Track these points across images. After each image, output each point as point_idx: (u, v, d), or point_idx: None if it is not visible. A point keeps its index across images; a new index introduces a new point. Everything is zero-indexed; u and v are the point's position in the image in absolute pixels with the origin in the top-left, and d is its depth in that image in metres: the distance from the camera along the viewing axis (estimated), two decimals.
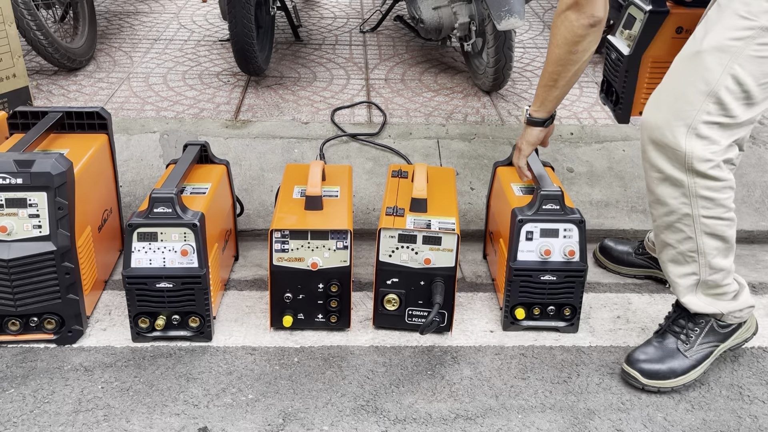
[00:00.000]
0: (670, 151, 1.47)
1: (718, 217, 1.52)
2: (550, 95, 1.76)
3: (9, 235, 1.66)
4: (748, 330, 1.73)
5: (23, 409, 1.57)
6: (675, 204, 1.52)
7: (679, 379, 1.66)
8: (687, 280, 1.63)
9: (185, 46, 3.53)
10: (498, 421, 1.59)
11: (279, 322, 1.82)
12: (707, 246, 1.55)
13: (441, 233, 1.75)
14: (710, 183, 1.48)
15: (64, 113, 2.00)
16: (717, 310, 1.65)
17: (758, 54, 1.38)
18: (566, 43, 1.61)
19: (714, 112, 1.42)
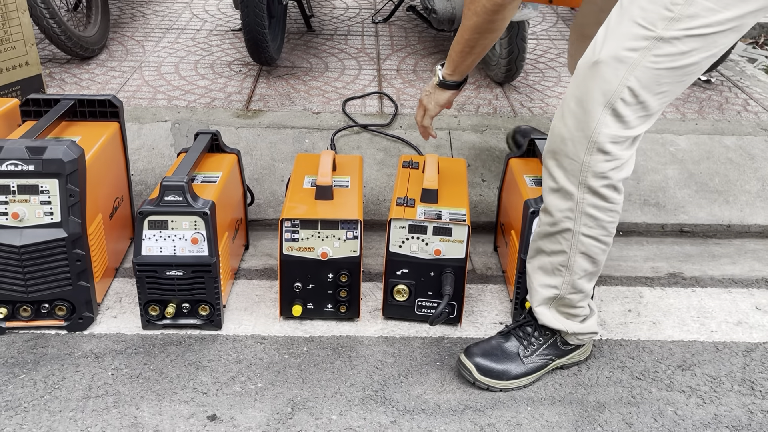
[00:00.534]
0: (568, 162, 1.43)
1: (596, 239, 1.50)
2: (465, 61, 1.72)
3: (21, 222, 1.67)
4: (584, 353, 1.72)
5: (34, 394, 1.58)
6: (559, 216, 1.49)
7: (510, 382, 1.64)
8: (547, 291, 1.61)
9: (197, 35, 3.53)
10: (507, 413, 1.59)
11: (288, 311, 1.82)
12: (577, 265, 1.54)
13: (452, 224, 1.74)
14: (599, 202, 1.45)
15: (76, 101, 2.00)
16: (563, 327, 1.63)
17: (655, 66, 1.32)
18: (486, 12, 1.56)
19: (611, 125, 1.37)
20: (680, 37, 1.29)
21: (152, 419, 1.53)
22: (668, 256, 2.26)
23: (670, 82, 1.35)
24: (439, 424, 1.55)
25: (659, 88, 1.35)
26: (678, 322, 1.92)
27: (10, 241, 1.66)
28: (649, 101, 1.36)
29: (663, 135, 2.65)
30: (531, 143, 2.08)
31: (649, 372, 1.73)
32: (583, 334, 1.65)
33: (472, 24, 1.61)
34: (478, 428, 1.54)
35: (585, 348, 1.72)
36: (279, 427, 1.52)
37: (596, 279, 1.60)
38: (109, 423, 1.51)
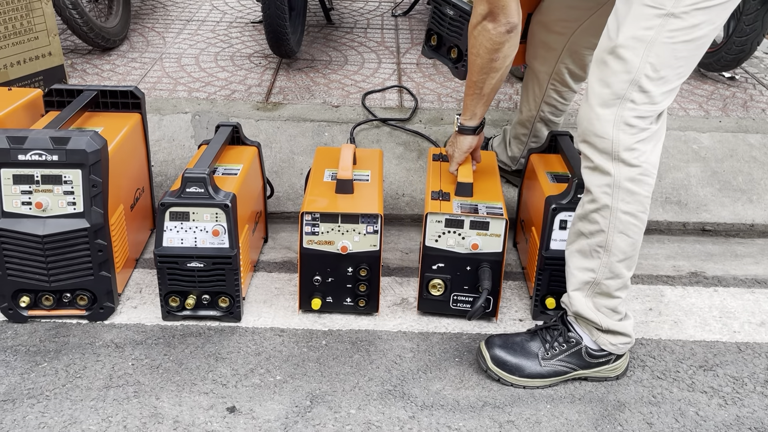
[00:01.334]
0: (598, 140, 1.48)
1: (634, 215, 1.51)
2: (478, 104, 1.78)
3: (44, 212, 1.68)
4: (614, 370, 1.67)
5: (56, 383, 1.59)
6: (597, 192, 1.52)
7: (522, 379, 1.63)
8: (584, 274, 1.59)
9: (217, 27, 3.53)
10: (526, 411, 1.58)
11: (308, 304, 1.82)
12: (615, 245, 1.53)
13: (489, 218, 1.73)
14: (635, 174, 1.48)
15: (98, 92, 2.01)
16: (597, 319, 1.60)
17: (671, 40, 1.40)
18: (487, 51, 1.65)
19: (639, 100, 1.44)
20: (689, 11, 1.38)
21: (172, 410, 1.54)
22: (690, 254, 2.23)
23: (685, 56, 1.43)
24: (458, 420, 1.55)
25: (677, 62, 1.43)
26: (700, 322, 1.90)
27: (33, 230, 1.68)
28: (669, 75, 1.44)
29: (686, 132, 2.61)
30: (553, 138, 2.06)
31: (670, 372, 1.71)
32: (616, 333, 1.61)
33: (477, 66, 1.69)
34: (497, 425, 1.54)
35: (617, 365, 1.66)
36: (298, 420, 1.53)
37: (633, 268, 1.58)
38: (129, 413, 1.52)
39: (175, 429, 1.49)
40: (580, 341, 1.63)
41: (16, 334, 1.74)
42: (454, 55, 2.03)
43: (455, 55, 2.03)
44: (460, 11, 1.95)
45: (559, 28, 2.03)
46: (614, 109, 1.45)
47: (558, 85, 2.12)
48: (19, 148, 1.64)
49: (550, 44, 2.06)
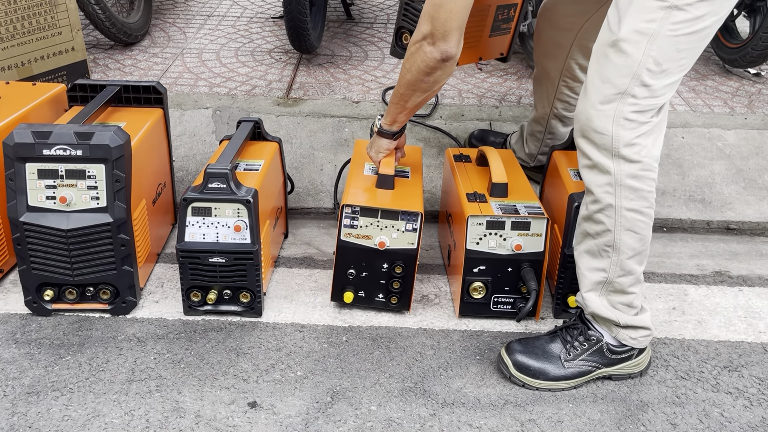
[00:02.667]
0: (597, 136, 1.45)
1: (639, 211, 1.48)
2: (401, 114, 1.76)
3: (68, 206, 1.69)
4: (637, 366, 1.64)
5: (79, 376, 1.61)
6: (599, 192, 1.49)
7: (547, 382, 1.60)
8: (595, 275, 1.57)
9: (238, 22, 3.54)
10: (548, 410, 1.57)
11: (340, 297, 1.82)
12: (624, 243, 1.51)
13: (530, 218, 1.72)
14: (637, 171, 1.45)
15: (121, 87, 2.02)
16: (613, 317, 1.58)
17: (674, 33, 1.38)
18: (419, 71, 1.61)
19: (640, 95, 1.42)
20: (693, 2, 1.36)
21: (194, 404, 1.54)
22: (714, 253, 2.20)
23: (688, 48, 1.41)
24: (479, 418, 1.54)
25: (679, 54, 1.41)
26: (724, 322, 1.87)
27: (57, 224, 1.69)
28: (671, 68, 1.41)
29: (710, 130, 2.58)
30: None
31: (694, 372, 1.69)
32: (636, 328, 1.59)
33: (406, 81, 1.65)
34: (518, 424, 1.53)
35: (639, 360, 1.64)
36: (318, 416, 1.53)
37: (645, 262, 1.56)
38: (151, 406, 1.53)
39: (196, 423, 1.49)
40: (601, 338, 1.61)
41: (40, 327, 1.75)
42: None
43: None
44: None
45: (567, 24, 2.01)
46: (614, 104, 1.43)
47: (569, 81, 2.10)
48: (43, 143, 1.65)
49: (558, 41, 2.04)
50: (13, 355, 1.66)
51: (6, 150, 1.66)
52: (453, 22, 1.51)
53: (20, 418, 1.49)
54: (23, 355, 1.66)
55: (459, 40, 1.55)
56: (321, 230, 2.26)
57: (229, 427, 1.49)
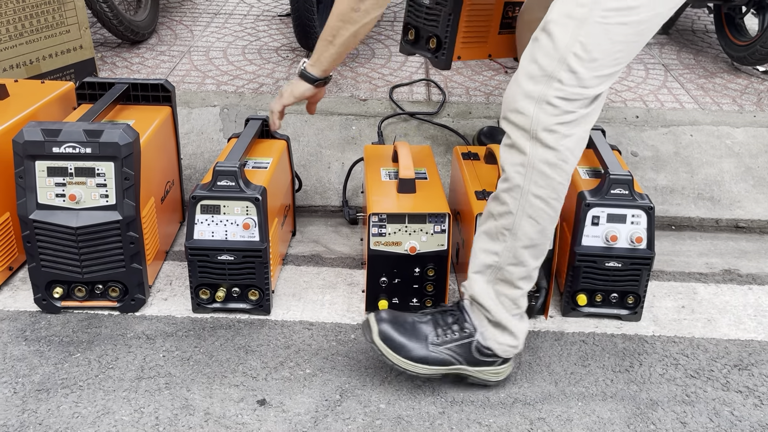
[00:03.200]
0: (518, 117, 1.41)
1: (545, 200, 1.43)
2: (326, 52, 1.70)
3: (77, 204, 1.70)
4: (497, 375, 1.58)
5: (89, 373, 1.61)
6: (511, 171, 1.44)
7: (405, 360, 1.52)
8: (487, 257, 1.51)
9: (244, 20, 3.54)
10: (557, 408, 1.57)
11: (374, 306, 1.81)
12: (522, 230, 1.46)
13: None
14: (551, 157, 1.40)
15: (129, 85, 2.02)
16: (490, 306, 1.52)
17: (605, 20, 1.34)
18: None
19: (567, 81, 1.37)
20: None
21: (203, 402, 1.55)
22: (723, 252, 2.20)
23: (622, 41, 1.36)
24: (488, 416, 1.54)
25: (613, 46, 1.36)
26: (734, 321, 1.87)
27: (67, 222, 1.69)
28: (603, 59, 1.37)
29: (719, 127, 2.57)
30: None
31: (704, 370, 1.69)
32: (504, 330, 1.52)
33: (338, 10, 1.63)
34: (527, 422, 1.53)
35: (501, 369, 1.58)
36: (328, 414, 1.53)
37: (540, 259, 1.50)
38: (161, 404, 1.53)
39: (206, 421, 1.50)
40: (473, 334, 1.54)
41: (49, 324, 1.76)
42: (433, 45, 1.97)
43: (434, 45, 1.96)
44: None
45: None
46: (540, 86, 1.38)
47: None
48: (53, 140, 1.65)
49: None
50: (23, 353, 1.66)
51: (16, 148, 1.66)
52: None
53: (30, 414, 1.49)
54: (33, 353, 1.66)
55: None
56: (329, 228, 2.26)
57: (238, 424, 1.49)
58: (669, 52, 3.33)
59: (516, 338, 1.54)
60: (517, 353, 1.58)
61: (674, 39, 3.50)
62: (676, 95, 2.85)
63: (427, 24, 1.92)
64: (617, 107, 2.70)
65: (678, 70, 3.12)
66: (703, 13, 3.82)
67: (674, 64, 3.17)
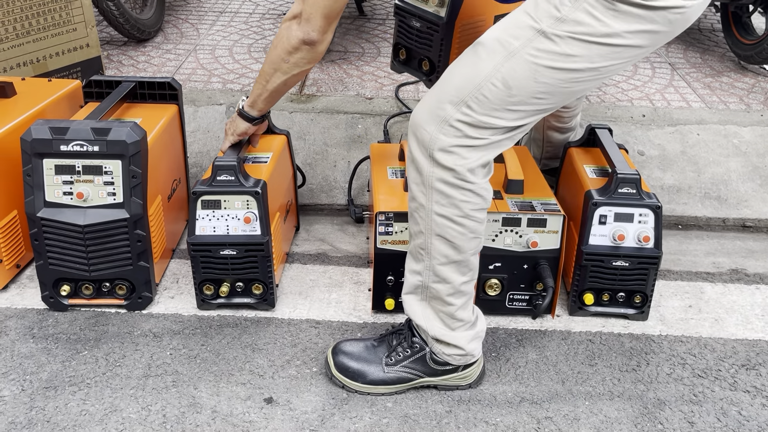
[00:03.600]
0: (421, 131, 1.37)
1: (450, 219, 1.39)
2: (261, 96, 1.72)
3: (85, 202, 1.70)
4: (465, 378, 1.58)
5: (96, 371, 1.61)
6: (414, 190, 1.41)
7: (365, 386, 1.56)
8: (413, 277, 1.49)
9: (250, 19, 3.54)
10: (564, 407, 1.56)
11: (381, 305, 1.80)
12: (435, 249, 1.43)
13: (546, 215, 1.71)
14: (448, 177, 1.36)
15: (136, 83, 2.02)
16: (425, 325, 1.51)
17: (534, 60, 1.28)
18: (282, 49, 1.58)
19: (474, 107, 1.32)
20: (563, 36, 1.26)
21: (210, 400, 1.55)
22: (730, 251, 2.19)
23: (548, 83, 1.30)
24: (495, 415, 1.54)
25: (536, 86, 1.30)
26: (742, 320, 1.86)
27: (74, 220, 1.70)
28: (523, 97, 1.31)
29: (726, 126, 2.56)
30: (591, 132, 2.03)
31: (711, 370, 1.68)
32: (447, 345, 1.51)
33: (271, 57, 1.63)
34: (534, 421, 1.53)
35: (467, 373, 1.57)
36: (335, 413, 1.53)
37: (469, 274, 1.47)
38: (168, 402, 1.54)
39: (213, 419, 1.50)
40: (425, 347, 1.54)
41: (57, 322, 1.76)
42: (426, 67, 1.89)
43: (427, 68, 1.90)
44: (428, 22, 1.84)
45: None
46: (447, 105, 1.34)
47: None
48: (61, 138, 1.66)
49: None
50: (31, 350, 1.66)
51: (24, 146, 1.66)
52: (319, 8, 1.48)
53: (38, 412, 1.49)
54: (41, 350, 1.67)
55: (324, 28, 1.51)
56: (335, 227, 2.26)
57: (245, 422, 1.49)
58: (675, 50, 3.32)
59: (460, 348, 1.52)
60: (475, 359, 1.56)
61: (681, 38, 3.49)
62: (683, 94, 2.84)
63: (419, 47, 1.89)
64: (624, 106, 2.70)
65: (685, 68, 3.11)
66: (709, 12, 3.81)
67: (681, 63, 3.17)
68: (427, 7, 1.83)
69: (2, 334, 1.71)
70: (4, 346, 1.67)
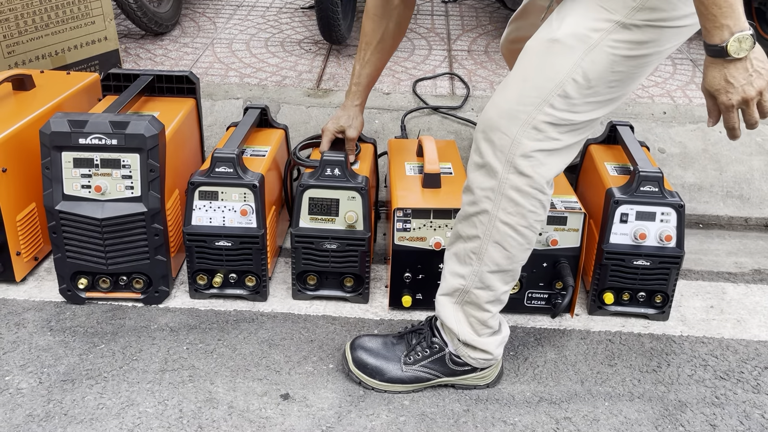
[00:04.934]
0: (498, 136, 1.34)
1: (513, 228, 1.38)
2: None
3: (103, 195, 1.70)
4: (484, 378, 1.56)
5: (113, 364, 1.61)
6: (480, 195, 1.38)
7: (383, 383, 1.54)
8: (454, 280, 1.47)
9: (267, 12, 3.53)
10: (584, 408, 1.54)
11: (398, 302, 1.79)
12: (488, 255, 1.41)
13: (567, 213, 1.70)
14: (523, 185, 1.34)
15: (154, 76, 2.02)
16: (456, 329, 1.48)
17: (613, 51, 1.28)
18: None
19: (558, 105, 1.31)
20: (641, 25, 1.28)
21: (226, 395, 1.54)
22: (753, 251, 2.16)
23: (623, 72, 1.31)
24: (513, 415, 1.52)
25: (612, 76, 1.31)
26: (765, 321, 1.83)
27: (92, 213, 1.69)
28: (600, 88, 1.32)
29: None
30: (612, 129, 2.00)
31: (734, 372, 1.66)
32: (476, 349, 1.50)
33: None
34: (553, 421, 1.51)
35: (486, 373, 1.56)
36: (351, 410, 1.52)
37: (511, 283, 1.46)
38: (185, 396, 1.53)
39: (229, 414, 1.49)
40: (444, 348, 1.52)
41: (74, 315, 1.76)
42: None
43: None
44: None
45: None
46: (530, 109, 1.31)
47: None
48: (79, 131, 1.66)
49: None
50: (49, 343, 1.67)
51: (43, 139, 1.66)
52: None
53: (56, 405, 1.50)
54: (58, 343, 1.67)
55: None
56: None
57: (261, 418, 1.49)
58: (697, 47, 3.27)
59: (488, 353, 1.51)
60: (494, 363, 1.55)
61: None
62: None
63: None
64: (644, 103, 2.66)
65: None
66: None
67: (702, 59, 3.12)
68: None
69: (20, 326, 1.72)
70: (22, 339, 1.68)
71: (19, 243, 1.81)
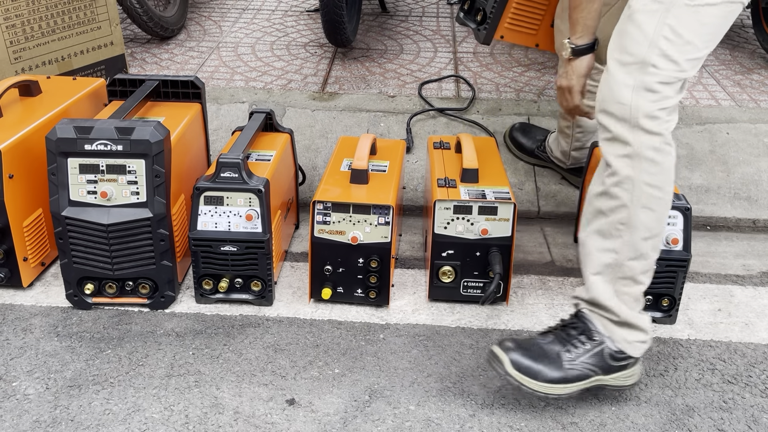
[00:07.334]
0: (616, 107, 1.40)
1: (658, 187, 1.40)
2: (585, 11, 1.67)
3: (109, 201, 1.70)
4: (629, 378, 1.53)
5: (119, 370, 1.62)
6: (618, 165, 1.41)
7: (545, 385, 1.46)
8: (605, 256, 1.45)
9: (272, 16, 3.54)
10: (590, 412, 1.54)
11: (318, 293, 1.83)
12: (639, 221, 1.41)
13: (497, 203, 1.74)
14: (658, 143, 1.38)
15: (160, 81, 2.02)
16: (615, 307, 1.46)
17: (692, 3, 1.35)
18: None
19: (661, 65, 1.37)
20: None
21: (232, 401, 1.54)
22: (761, 253, 2.14)
23: (711, 23, 1.37)
24: (520, 420, 1.52)
25: (703, 28, 1.37)
26: None
27: (98, 219, 1.70)
28: (695, 40, 1.37)
29: (756, 125, 2.51)
30: None
31: (741, 376, 1.65)
32: (633, 327, 1.47)
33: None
34: (560, 426, 1.50)
35: (632, 371, 1.53)
36: (357, 415, 1.52)
37: (659, 250, 1.46)
38: (191, 402, 1.54)
39: (235, 420, 1.49)
40: (603, 341, 1.49)
41: (81, 320, 1.77)
42: (479, 18, 2.04)
43: (479, 18, 2.04)
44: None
45: None
46: (635, 74, 1.38)
47: None
48: (85, 138, 1.66)
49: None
50: (55, 348, 1.67)
51: (49, 145, 1.67)
52: None
53: (62, 411, 1.50)
54: (65, 348, 1.67)
55: None
56: None
57: (267, 424, 1.49)
58: None
59: (645, 332, 1.50)
60: (647, 348, 1.53)
61: None
62: (712, 92, 2.79)
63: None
64: None
65: (713, 66, 3.05)
66: None
67: (709, 60, 3.10)
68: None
69: (27, 331, 1.73)
70: (29, 344, 1.68)
71: (25, 248, 1.82)
